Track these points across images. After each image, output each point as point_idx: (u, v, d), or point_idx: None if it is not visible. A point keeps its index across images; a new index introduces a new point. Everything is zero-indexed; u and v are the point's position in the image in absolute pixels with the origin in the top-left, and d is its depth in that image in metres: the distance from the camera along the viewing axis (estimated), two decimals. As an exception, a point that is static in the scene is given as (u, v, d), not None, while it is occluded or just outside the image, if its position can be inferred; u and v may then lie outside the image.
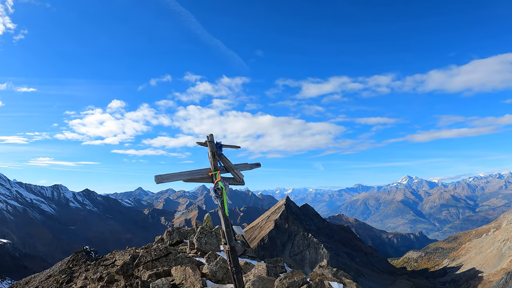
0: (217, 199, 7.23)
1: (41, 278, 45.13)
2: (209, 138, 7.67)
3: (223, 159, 7.66)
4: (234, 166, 7.74)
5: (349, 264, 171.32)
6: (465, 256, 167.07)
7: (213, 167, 7.54)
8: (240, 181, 7.70)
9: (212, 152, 7.55)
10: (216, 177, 7.30)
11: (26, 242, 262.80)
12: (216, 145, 7.66)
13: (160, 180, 6.69)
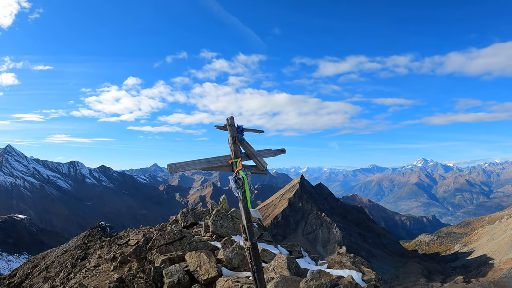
0: (237, 190, 6.42)
1: (58, 253, 45.79)
2: (229, 122, 6.79)
3: (245, 145, 6.81)
4: (257, 153, 6.89)
5: (361, 244, 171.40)
6: (477, 242, 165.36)
7: (233, 154, 6.69)
8: (263, 170, 6.94)
9: (232, 137, 6.69)
10: (237, 165, 6.50)
11: (43, 218, 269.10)
12: (237, 129, 6.79)
13: (174, 170, 5.97)
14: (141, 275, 10.14)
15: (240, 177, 6.32)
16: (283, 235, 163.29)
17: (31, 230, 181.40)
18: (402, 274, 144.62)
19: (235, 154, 6.65)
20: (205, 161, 6.46)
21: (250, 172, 6.69)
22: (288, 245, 16.77)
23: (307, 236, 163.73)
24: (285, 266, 7.66)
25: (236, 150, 6.65)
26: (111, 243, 26.83)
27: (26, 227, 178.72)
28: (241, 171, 6.35)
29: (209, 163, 6.49)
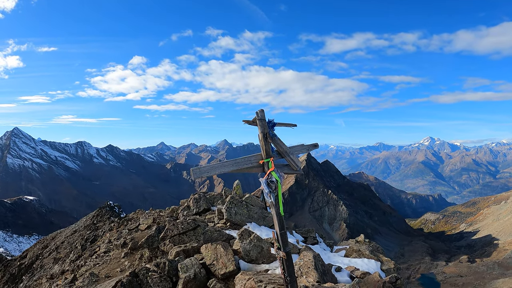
0: (270, 194, 5.68)
1: (67, 233, 46.13)
2: (259, 115, 5.98)
3: (277, 142, 6.05)
4: (290, 151, 6.15)
5: (367, 222, 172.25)
6: (482, 222, 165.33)
7: (264, 152, 5.94)
8: (297, 169, 6.19)
9: (263, 133, 5.92)
10: (269, 166, 5.79)
11: (52, 198, 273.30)
12: (268, 124, 6.03)
13: (199, 174, 5.35)
14: (154, 269, 9.72)
15: (273, 180, 5.64)
16: (290, 212, 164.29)
17: (41, 211, 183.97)
18: (407, 252, 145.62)
19: (267, 153, 5.95)
20: (233, 163, 5.76)
21: (283, 172, 6.06)
22: (303, 231, 16.45)
23: (314, 214, 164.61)
24: (312, 266, 7.16)
25: (267, 148, 5.94)
26: (120, 226, 26.75)
27: (35, 208, 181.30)
28: (274, 173, 5.68)
29: (238, 164, 5.80)
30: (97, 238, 28.33)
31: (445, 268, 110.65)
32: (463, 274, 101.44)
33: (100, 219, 45.67)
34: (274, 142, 6.06)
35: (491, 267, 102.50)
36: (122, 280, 9.54)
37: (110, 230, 28.06)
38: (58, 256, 33.92)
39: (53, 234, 53.73)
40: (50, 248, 42.24)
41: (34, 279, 30.34)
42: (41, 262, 37.71)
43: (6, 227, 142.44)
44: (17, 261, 45.09)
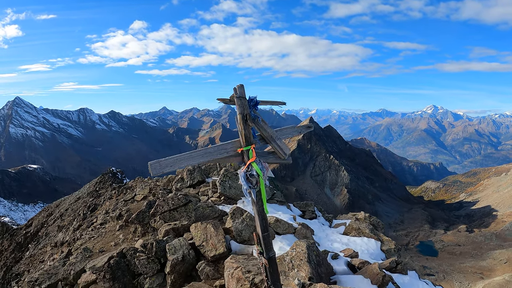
0: (250, 190, 4.69)
1: (71, 201, 46.46)
2: (238, 92, 4.79)
3: (260, 124, 4.93)
4: (276, 135, 5.02)
5: (368, 188, 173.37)
6: (482, 193, 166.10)
7: (243, 139, 4.81)
8: (284, 157, 5.12)
9: (242, 115, 4.77)
10: (250, 155, 4.73)
11: (56, 166, 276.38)
12: (249, 103, 4.88)
13: (159, 170, 4.29)
14: (142, 249, 9.22)
15: (253, 174, 4.64)
16: (292, 176, 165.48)
17: (45, 179, 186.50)
18: (407, 219, 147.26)
19: (247, 140, 4.81)
20: (204, 153, 4.76)
21: (267, 162, 5.00)
22: (302, 205, 15.93)
23: (315, 178, 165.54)
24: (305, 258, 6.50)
25: (247, 134, 4.81)
26: (119, 194, 26.60)
27: (39, 177, 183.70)
28: (255, 165, 4.66)
29: (210, 155, 4.80)
30: (97, 207, 28.30)
31: (443, 237, 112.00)
32: (461, 243, 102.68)
33: (102, 185, 45.92)
34: (256, 125, 4.97)
35: (488, 238, 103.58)
36: (110, 262, 9.15)
37: (110, 198, 28.18)
38: (62, 223, 34.13)
39: (57, 201, 54.24)
40: (54, 216, 42.61)
41: (40, 247, 30.58)
42: (46, 230, 38.01)
43: (11, 196, 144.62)
44: (22, 230, 45.64)
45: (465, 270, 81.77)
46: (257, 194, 4.77)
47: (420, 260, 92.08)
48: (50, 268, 11.58)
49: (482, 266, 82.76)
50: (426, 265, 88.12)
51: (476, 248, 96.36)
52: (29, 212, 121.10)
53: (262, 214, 4.83)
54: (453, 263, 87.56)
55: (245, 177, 4.67)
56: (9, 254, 39.09)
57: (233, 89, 4.86)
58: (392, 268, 9.53)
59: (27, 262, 28.62)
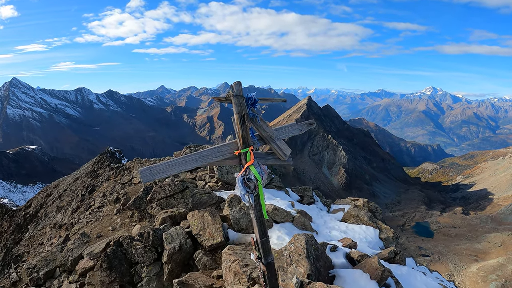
0: (248, 195, 4.39)
1: (69, 181, 46.55)
2: (235, 90, 4.49)
3: (258, 124, 4.64)
4: (276, 135, 4.72)
5: (365, 168, 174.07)
6: (479, 176, 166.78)
7: (241, 140, 4.48)
8: (284, 159, 4.77)
9: (240, 115, 4.45)
10: (247, 158, 4.41)
11: (54, 146, 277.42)
12: (246, 102, 4.55)
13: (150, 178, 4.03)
14: (139, 238, 9.13)
15: (251, 178, 4.32)
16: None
17: (43, 160, 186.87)
18: (403, 200, 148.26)
19: (244, 141, 4.48)
20: (198, 157, 4.35)
21: (266, 165, 4.70)
22: (300, 190, 15.83)
23: (313, 158, 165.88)
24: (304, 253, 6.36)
25: (245, 135, 4.48)
26: (117, 175, 26.52)
27: (38, 157, 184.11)
28: (253, 168, 4.33)
29: (204, 158, 4.41)
30: (95, 188, 28.26)
31: (439, 218, 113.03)
32: (456, 225, 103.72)
33: (100, 165, 45.92)
34: (255, 125, 4.67)
35: (484, 221, 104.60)
36: (106, 250, 9.11)
37: (108, 179, 28.19)
38: (61, 204, 34.27)
39: (56, 182, 54.44)
40: (53, 197, 42.80)
41: (39, 228, 30.78)
42: (45, 211, 38.21)
43: (10, 177, 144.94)
44: (22, 211, 45.92)
45: (460, 252, 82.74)
46: (255, 199, 4.52)
47: (415, 241, 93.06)
48: (48, 254, 11.60)
49: (477, 249, 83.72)
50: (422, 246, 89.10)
51: (472, 230, 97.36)
52: (28, 193, 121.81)
53: (260, 219, 4.60)
54: (448, 245, 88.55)
55: (243, 181, 4.38)
56: (9, 235, 39.39)
57: (230, 86, 4.58)
58: (391, 259, 9.48)
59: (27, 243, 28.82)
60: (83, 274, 9.67)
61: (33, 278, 10.87)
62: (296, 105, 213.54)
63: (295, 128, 5.24)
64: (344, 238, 10.19)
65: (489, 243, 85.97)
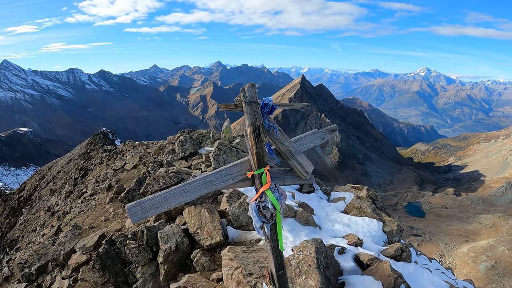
0: (263, 226, 3.70)
1: (63, 163, 46.27)
2: (247, 95, 3.70)
3: (275, 138, 3.87)
4: (296, 149, 3.92)
5: (358, 147, 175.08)
6: (471, 158, 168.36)
7: (255, 158, 3.67)
8: (306, 177, 3.92)
9: (253, 126, 3.62)
10: (263, 181, 3.60)
11: (47, 128, 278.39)
12: (261, 110, 3.76)
13: (142, 215, 3.19)
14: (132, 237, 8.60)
15: (268, 206, 3.52)
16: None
17: (36, 142, 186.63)
18: (396, 180, 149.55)
19: (259, 159, 3.65)
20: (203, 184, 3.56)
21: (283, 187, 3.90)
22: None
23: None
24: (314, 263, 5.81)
25: (260, 152, 3.64)
26: (110, 159, 26.00)
27: (30, 139, 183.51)
28: (270, 194, 3.51)
29: (212, 184, 3.63)
30: (87, 172, 27.80)
31: (431, 198, 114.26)
32: (448, 206, 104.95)
33: (93, 147, 45.57)
34: (271, 138, 3.89)
35: (475, 202, 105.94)
36: (99, 250, 8.63)
37: (100, 163, 27.87)
38: (54, 187, 34.07)
39: (49, 164, 54.42)
40: (47, 179, 42.71)
41: (33, 212, 30.53)
42: (39, 194, 38.06)
43: (3, 161, 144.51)
44: (16, 194, 45.74)
45: (451, 232, 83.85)
46: (272, 228, 3.83)
47: (407, 221, 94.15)
48: (39, 248, 11.30)
49: (467, 230, 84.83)
50: (414, 225, 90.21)
51: (463, 211, 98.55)
52: (22, 176, 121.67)
53: (277, 251, 3.87)
54: (440, 225, 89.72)
55: (257, 210, 3.60)
56: (4, 219, 39.25)
57: (241, 90, 3.78)
58: (397, 256, 9.10)
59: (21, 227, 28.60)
60: (76, 269, 9.33)
61: (25, 274, 10.52)
62: (290, 84, 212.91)
63: (316, 136, 4.56)
64: (349, 234, 9.73)
65: (480, 224, 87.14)
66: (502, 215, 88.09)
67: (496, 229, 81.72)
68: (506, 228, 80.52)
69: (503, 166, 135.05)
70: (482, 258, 65.95)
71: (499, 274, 61.72)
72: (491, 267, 63.33)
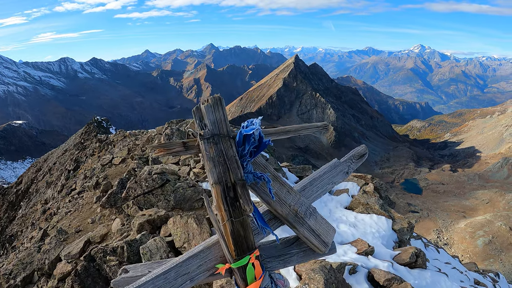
0: None
1: (58, 154, 45.63)
2: (206, 121, 2.31)
3: (268, 195, 2.39)
4: (306, 207, 2.53)
5: (354, 126, 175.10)
6: (467, 134, 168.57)
7: (230, 243, 2.31)
8: (324, 251, 2.56)
9: (223, 184, 2.23)
10: (248, 276, 2.32)
11: (41, 119, 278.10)
12: (239, 148, 2.32)
13: None
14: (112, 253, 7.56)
15: None
16: (278, 115, 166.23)
17: (31, 134, 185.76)
18: (392, 157, 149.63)
19: (238, 243, 2.32)
20: None
21: (283, 279, 2.51)
22: (298, 170, 14.51)
23: (302, 116, 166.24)
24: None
25: (240, 230, 2.29)
26: (101, 150, 25.21)
27: (25, 132, 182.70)
28: None
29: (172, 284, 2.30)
30: (80, 164, 27.01)
31: (427, 175, 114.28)
32: (444, 182, 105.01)
33: (88, 136, 45.14)
34: (262, 197, 2.41)
35: (471, 178, 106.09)
36: (77, 269, 7.61)
37: (92, 155, 27.18)
38: (50, 179, 33.78)
39: (45, 155, 54.33)
40: (43, 171, 42.65)
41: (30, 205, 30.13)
42: (36, 186, 38.05)
43: None
44: (13, 188, 45.63)
45: (448, 208, 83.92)
46: None
47: (405, 197, 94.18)
48: (24, 256, 10.63)
49: (464, 205, 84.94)
50: (411, 202, 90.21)
51: (459, 187, 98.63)
52: (19, 169, 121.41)
53: None
54: (437, 201, 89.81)
55: None
56: (3, 214, 39.04)
57: (193, 114, 2.41)
58: (412, 263, 8.13)
59: (20, 222, 28.27)
60: (62, 279, 8.48)
61: (11, 286, 9.74)
62: (283, 64, 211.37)
63: (337, 172, 2.95)
64: (358, 240, 8.67)
65: (476, 200, 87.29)
66: (499, 190, 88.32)
67: (493, 205, 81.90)
68: (503, 204, 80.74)
69: (499, 142, 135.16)
70: (480, 234, 66.11)
71: (496, 249, 62.02)
72: (489, 242, 63.55)
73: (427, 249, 13.25)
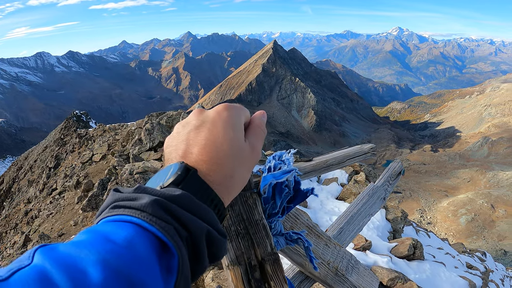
0: None
1: (39, 151, 44.01)
2: None
3: (302, 256, 1.53)
4: (347, 261, 1.76)
5: (334, 109, 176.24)
6: (447, 114, 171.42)
7: None
8: None
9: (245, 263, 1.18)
10: None
11: (20, 117, 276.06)
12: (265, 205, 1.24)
13: None
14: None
15: None
16: (258, 101, 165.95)
17: (10, 132, 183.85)
18: (374, 139, 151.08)
19: None
20: None
21: None
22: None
23: (282, 101, 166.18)
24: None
25: None
26: (81, 146, 24.42)
27: (4, 130, 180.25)
28: None
29: None
30: (60, 162, 26.15)
31: (409, 156, 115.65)
32: (426, 162, 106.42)
33: (67, 131, 43.50)
34: (295, 262, 1.56)
35: (452, 158, 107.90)
36: None
37: (72, 151, 26.18)
38: (32, 177, 32.63)
39: (25, 153, 52.92)
40: (24, 169, 41.16)
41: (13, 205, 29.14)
42: (18, 185, 36.75)
43: None
44: None
45: (431, 188, 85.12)
46: None
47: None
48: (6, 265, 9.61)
49: (446, 185, 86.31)
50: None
51: (441, 167, 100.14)
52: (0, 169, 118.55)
53: None
54: (419, 181, 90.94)
55: None
56: None
57: None
58: (410, 256, 7.79)
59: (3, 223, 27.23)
60: None
61: None
62: (262, 50, 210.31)
63: (375, 199, 2.50)
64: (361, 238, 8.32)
65: (458, 179, 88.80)
66: (479, 169, 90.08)
67: (474, 183, 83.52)
68: (484, 182, 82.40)
69: (478, 122, 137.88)
70: (462, 212, 67.27)
71: (479, 226, 63.25)
72: (471, 220, 64.75)
73: (418, 234, 13.08)
